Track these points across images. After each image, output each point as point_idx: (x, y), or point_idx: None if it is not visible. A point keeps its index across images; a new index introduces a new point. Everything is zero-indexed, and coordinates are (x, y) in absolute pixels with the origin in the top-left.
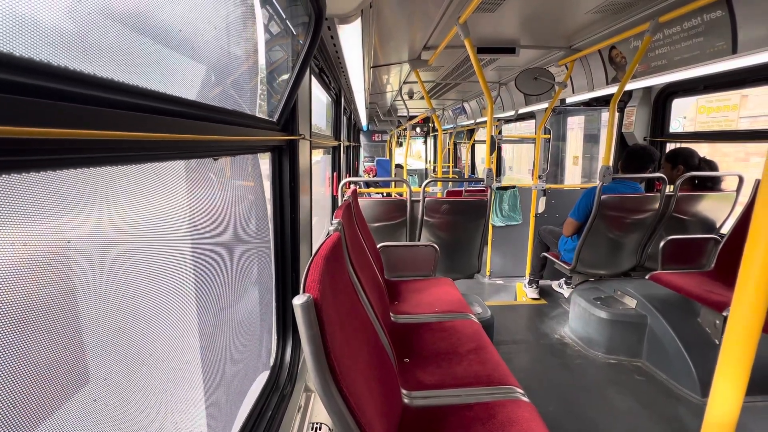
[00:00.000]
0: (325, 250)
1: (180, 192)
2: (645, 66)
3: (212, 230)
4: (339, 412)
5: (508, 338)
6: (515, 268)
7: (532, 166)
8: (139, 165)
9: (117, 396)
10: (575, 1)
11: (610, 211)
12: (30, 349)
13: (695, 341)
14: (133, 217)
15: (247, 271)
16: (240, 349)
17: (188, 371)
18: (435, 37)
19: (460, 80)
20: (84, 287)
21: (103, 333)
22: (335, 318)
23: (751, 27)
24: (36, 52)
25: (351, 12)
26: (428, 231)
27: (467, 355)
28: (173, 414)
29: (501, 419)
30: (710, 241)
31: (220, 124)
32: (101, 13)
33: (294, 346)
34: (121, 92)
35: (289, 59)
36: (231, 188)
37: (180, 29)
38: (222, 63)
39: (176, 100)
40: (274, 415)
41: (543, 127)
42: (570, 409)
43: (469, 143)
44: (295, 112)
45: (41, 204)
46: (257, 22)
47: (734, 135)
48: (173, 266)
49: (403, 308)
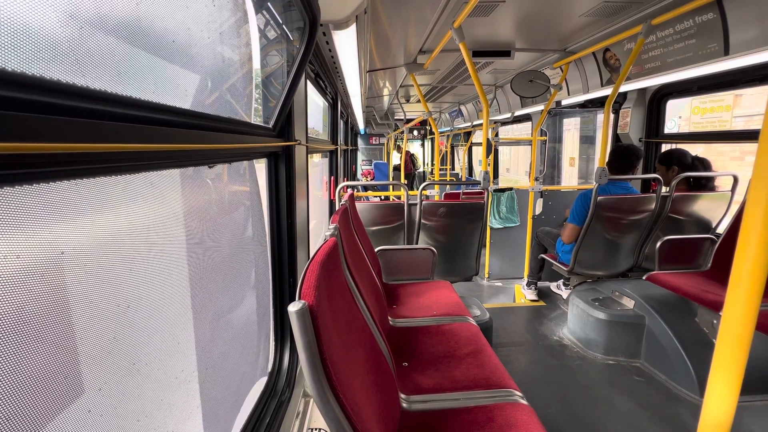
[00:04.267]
0: (321, 256)
1: (176, 199)
2: (639, 68)
3: (209, 237)
4: (336, 418)
5: (507, 340)
6: (513, 270)
7: (529, 168)
8: (134, 175)
9: (112, 406)
10: (569, 5)
11: (607, 212)
12: (24, 360)
13: (693, 341)
14: (128, 226)
15: (244, 278)
16: (238, 356)
17: (185, 379)
18: (430, 41)
19: (457, 83)
20: (79, 297)
21: (99, 342)
22: (332, 324)
23: (743, 29)
24: (29, 67)
25: (346, 18)
26: (426, 234)
27: (466, 358)
28: (170, 422)
29: (499, 422)
30: (706, 241)
31: (216, 132)
32: (93, 24)
33: (292, 352)
34: (114, 104)
35: (284, 65)
36: (227, 195)
37: (173, 39)
38: (217, 70)
39: (171, 110)
40: (272, 421)
41: (539, 129)
42: (569, 410)
43: (466, 146)
44: (291, 118)
45: (34, 216)
46: (252, 29)
47: (728, 135)
48: (169, 274)
49: (401, 312)
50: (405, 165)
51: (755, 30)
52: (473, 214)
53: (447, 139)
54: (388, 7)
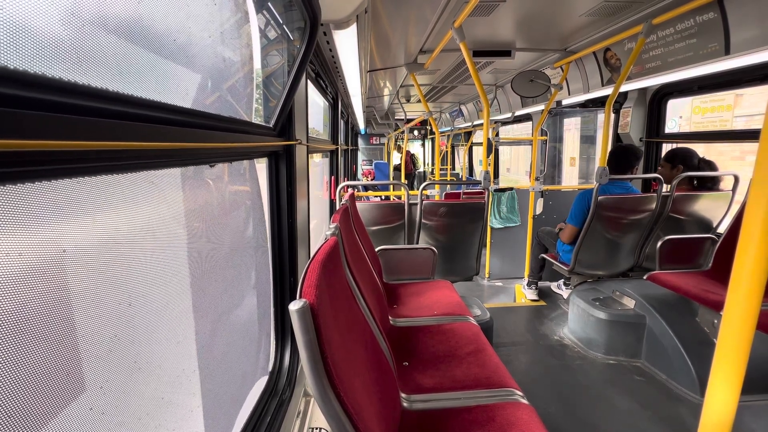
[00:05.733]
0: (321, 255)
1: (176, 198)
2: (640, 67)
3: (210, 236)
4: (336, 417)
5: (508, 340)
6: (514, 269)
7: (530, 168)
8: (135, 173)
9: (114, 404)
10: (569, 4)
11: (607, 212)
12: (25, 358)
13: (694, 341)
14: (129, 225)
15: (244, 277)
16: (238, 355)
17: (186, 377)
18: (431, 41)
19: (457, 83)
20: (80, 295)
21: (100, 340)
22: (332, 323)
23: (743, 28)
24: (30, 64)
25: (346, 17)
26: (426, 234)
27: (466, 357)
28: (171, 421)
29: (500, 422)
30: (707, 241)
31: (216, 131)
32: (95, 23)
33: (293, 351)
34: (115, 102)
35: (285, 65)
36: (228, 194)
37: (175, 38)
38: (218, 70)
39: (171, 109)
40: (273, 420)
41: (540, 128)
42: (569, 410)
43: (466, 146)
44: (292, 117)
45: (36, 214)
46: (252, 29)
47: (729, 135)
48: (170, 273)
49: (402, 312)
50: (405, 165)
51: (756, 29)
52: (474, 213)
53: (447, 138)
54: (388, 7)
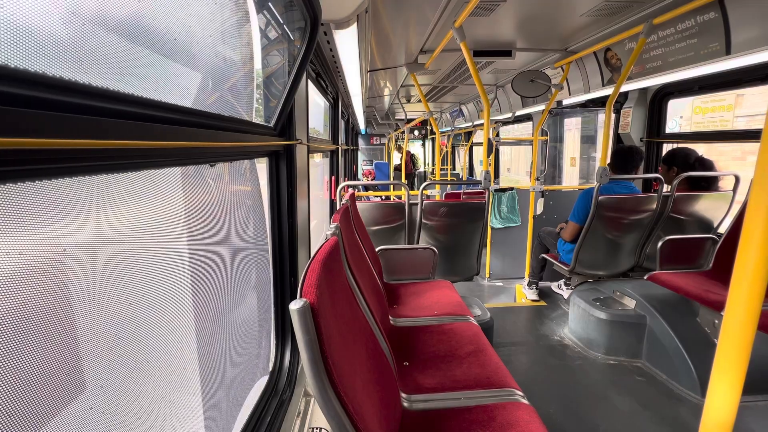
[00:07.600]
0: (322, 255)
1: (177, 198)
2: (640, 67)
3: (210, 236)
4: (337, 417)
5: (508, 340)
6: (514, 269)
7: (530, 168)
8: (136, 172)
9: (114, 404)
10: (570, 4)
11: (608, 211)
12: (26, 357)
13: (694, 341)
14: (129, 224)
15: (245, 276)
16: (239, 354)
17: (186, 377)
18: (431, 41)
19: (457, 83)
20: (80, 294)
21: (100, 340)
22: (333, 322)
23: (744, 28)
24: (31, 63)
25: (347, 17)
26: (427, 234)
27: (467, 357)
28: (171, 421)
29: (500, 422)
30: (708, 241)
31: (217, 130)
32: (96, 22)
33: (293, 351)
34: (116, 101)
35: (285, 64)
36: (229, 194)
37: (175, 37)
38: (218, 69)
39: (172, 108)
40: (273, 420)
41: (540, 128)
42: (570, 410)
43: (466, 146)
44: (292, 117)
45: (37, 212)
46: (253, 28)
47: (730, 135)
48: (171, 272)
49: (402, 311)
50: (406, 165)
51: (757, 29)
52: (474, 213)
53: (448, 138)
54: (389, 7)
